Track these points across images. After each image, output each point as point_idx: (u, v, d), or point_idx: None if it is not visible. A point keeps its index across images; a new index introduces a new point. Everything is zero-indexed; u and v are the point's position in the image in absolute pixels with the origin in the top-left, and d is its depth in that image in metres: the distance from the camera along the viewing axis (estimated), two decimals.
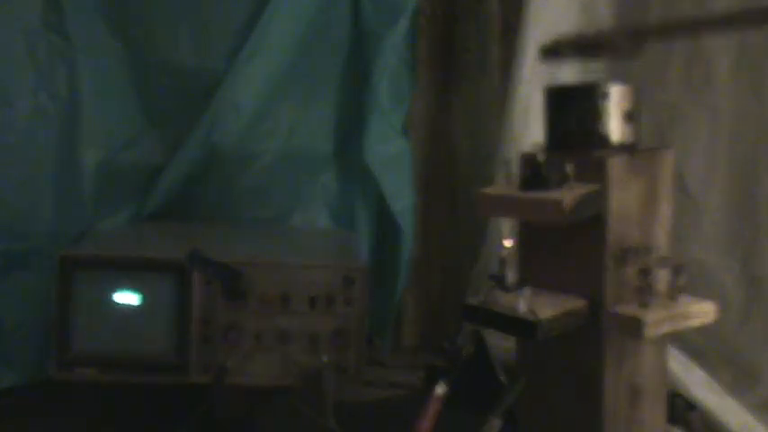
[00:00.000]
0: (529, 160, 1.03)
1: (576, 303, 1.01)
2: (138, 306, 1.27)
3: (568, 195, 0.96)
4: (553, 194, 0.98)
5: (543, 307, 0.98)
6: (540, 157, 1.02)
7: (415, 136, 1.85)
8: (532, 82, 1.59)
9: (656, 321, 0.98)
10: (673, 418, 1.29)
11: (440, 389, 1.06)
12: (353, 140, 1.74)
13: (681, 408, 1.34)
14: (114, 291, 1.26)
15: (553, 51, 1.04)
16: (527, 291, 0.99)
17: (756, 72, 1.38)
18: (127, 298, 1.26)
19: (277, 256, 1.32)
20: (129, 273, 1.28)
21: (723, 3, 1.38)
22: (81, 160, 1.58)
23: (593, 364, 1.02)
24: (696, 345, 1.40)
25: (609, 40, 1.03)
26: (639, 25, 1.11)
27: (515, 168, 1.07)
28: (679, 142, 1.46)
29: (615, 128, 1.04)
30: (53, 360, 1.25)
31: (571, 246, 1.03)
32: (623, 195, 1.01)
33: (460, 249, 1.84)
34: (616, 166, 1.00)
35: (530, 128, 1.56)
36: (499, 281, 1.01)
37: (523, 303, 0.98)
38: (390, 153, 1.73)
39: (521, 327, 0.98)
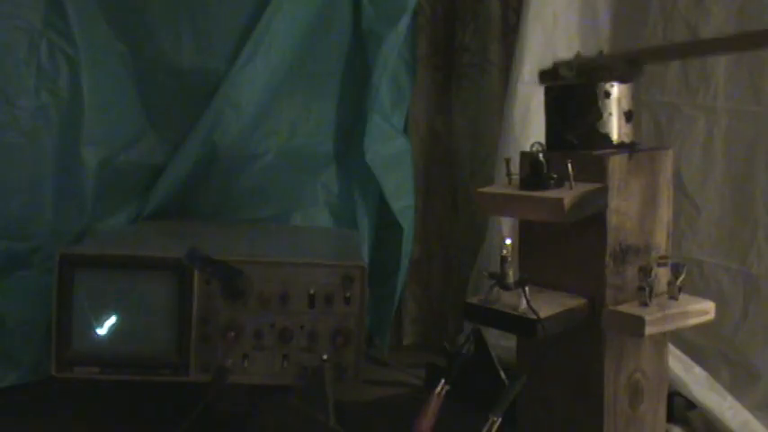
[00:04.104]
0: (529, 160, 1.04)
1: (576, 302, 1.01)
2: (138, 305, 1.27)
3: (568, 194, 0.97)
4: (553, 193, 0.98)
5: (543, 305, 0.99)
6: (541, 157, 1.02)
7: (415, 136, 1.86)
8: (532, 82, 1.59)
9: (656, 320, 0.98)
10: (673, 416, 1.29)
11: (440, 387, 1.07)
12: (354, 140, 1.75)
13: (681, 406, 1.35)
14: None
15: (552, 75, 1.05)
16: (527, 289, 0.99)
17: (753, 72, 1.38)
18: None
19: (276, 255, 1.32)
20: (128, 272, 1.28)
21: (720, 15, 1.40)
22: (82, 159, 1.58)
23: (593, 362, 1.03)
24: (695, 343, 1.40)
25: (608, 63, 1.04)
26: (637, 49, 1.13)
27: (515, 168, 1.07)
28: (676, 142, 1.47)
29: (615, 127, 1.05)
30: (53, 359, 1.25)
31: (571, 244, 1.04)
32: (623, 194, 1.01)
33: (460, 248, 1.84)
34: (616, 165, 1.00)
35: (530, 128, 1.56)
36: (499, 279, 1.01)
37: (523, 302, 0.98)
38: (391, 153, 1.73)
39: (521, 325, 0.99)
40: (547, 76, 1.07)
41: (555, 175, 1.00)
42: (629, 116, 1.06)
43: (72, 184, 1.58)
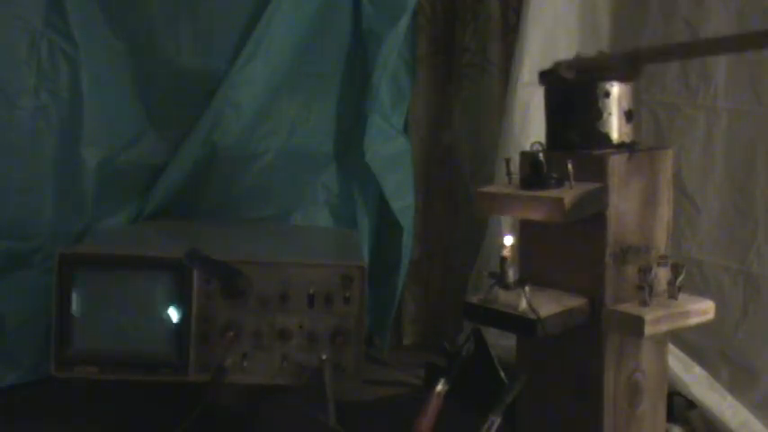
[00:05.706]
0: (529, 160, 1.04)
1: (576, 301, 1.01)
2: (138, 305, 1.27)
3: (568, 194, 0.97)
4: (553, 193, 0.98)
5: (543, 305, 0.99)
6: (541, 157, 1.02)
7: (415, 136, 1.86)
8: (532, 82, 1.59)
9: (656, 319, 0.98)
10: (673, 416, 1.29)
11: (440, 387, 1.07)
12: (354, 140, 1.75)
13: (681, 406, 1.35)
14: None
15: (552, 75, 1.05)
16: (527, 289, 0.99)
17: (753, 72, 1.38)
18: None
19: (276, 255, 1.32)
20: (128, 271, 1.28)
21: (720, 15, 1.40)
22: (82, 159, 1.59)
23: (593, 362, 1.03)
24: (695, 343, 1.40)
25: (608, 62, 1.04)
26: (637, 49, 1.13)
27: (515, 168, 1.07)
28: (676, 142, 1.47)
29: (615, 127, 1.04)
30: (53, 359, 1.25)
31: (571, 244, 1.04)
32: (623, 194, 1.01)
33: (460, 248, 1.84)
34: (617, 164, 1.00)
35: (530, 128, 1.56)
36: (499, 279, 1.01)
37: (523, 302, 0.98)
38: (391, 152, 1.73)
39: (521, 324, 0.99)
40: (547, 76, 1.07)
41: (555, 175, 1.00)
42: (629, 116, 1.05)
43: (72, 183, 1.59)
